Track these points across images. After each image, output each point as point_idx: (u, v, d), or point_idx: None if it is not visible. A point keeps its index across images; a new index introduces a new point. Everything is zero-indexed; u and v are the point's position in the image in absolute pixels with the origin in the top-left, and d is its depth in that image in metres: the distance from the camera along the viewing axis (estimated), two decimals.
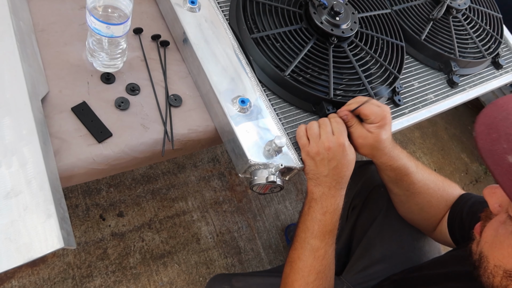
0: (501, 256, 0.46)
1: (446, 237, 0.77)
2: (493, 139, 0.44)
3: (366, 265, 0.82)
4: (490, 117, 0.47)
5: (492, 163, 0.43)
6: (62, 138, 0.63)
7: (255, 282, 0.83)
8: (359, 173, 0.97)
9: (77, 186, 1.23)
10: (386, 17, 0.95)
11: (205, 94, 0.74)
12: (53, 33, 0.72)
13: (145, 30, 0.78)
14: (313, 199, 0.69)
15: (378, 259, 0.82)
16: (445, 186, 0.78)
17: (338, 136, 0.67)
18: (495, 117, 0.46)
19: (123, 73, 0.73)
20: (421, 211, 0.78)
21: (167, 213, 1.30)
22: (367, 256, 0.83)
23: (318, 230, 0.67)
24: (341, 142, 0.66)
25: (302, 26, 0.82)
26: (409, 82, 0.94)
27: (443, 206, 0.77)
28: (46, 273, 1.08)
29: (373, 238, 0.85)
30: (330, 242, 0.68)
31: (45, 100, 0.65)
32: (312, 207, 0.69)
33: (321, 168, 0.67)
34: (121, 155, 0.66)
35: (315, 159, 0.68)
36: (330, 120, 0.70)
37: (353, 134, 0.72)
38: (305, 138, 0.69)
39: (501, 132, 0.45)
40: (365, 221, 0.88)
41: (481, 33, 1.11)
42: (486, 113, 0.48)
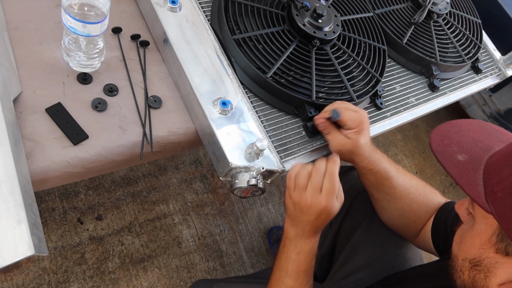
0: (466, 248, 0.50)
1: (429, 246, 0.77)
2: (445, 144, 0.53)
3: (349, 272, 0.82)
4: (444, 130, 0.55)
5: (444, 159, 0.51)
6: (35, 140, 0.61)
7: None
8: (343, 179, 0.96)
9: (54, 189, 1.19)
10: (369, 21, 0.95)
11: (186, 96, 0.73)
12: (27, 31, 0.70)
13: (124, 29, 0.76)
14: (287, 238, 0.67)
15: (361, 266, 0.82)
16: (426, 192, 0.78)
17: (325, 197, 0.63)
18: (449, 130, 0.55)
19: (100, 73, 0.71)
20: (402, 216, 0.78)
21: (148, 216, 1.27)
22: (350, 263, 0.83)
23: (292, 269, 0.66)
24: (325, 205, 0.63)
25: (284, 28, 0.81)
26: (391, 86, 0.95)
27: (424, 211, 0.77)
28: (20, 279, 1.04)
29: (357, 245, 0.84)
30: (305, 281, 0.66)
31: (17, 100, 0.62)
32: (286, 246, 0.67)
33: (299, 214, 0.65)
34: (97, 158, 0.64)
35: (295, 206, 0.65)
36: (326, 171, 0.65)
37: (330, 141, 0.72)
38: (293, 181, 0.66)
39: (452, 140, 0.53)
40: (348, 227, 0.88)
41: (461, 38, 1.13)
42: (440, 128, 0.56)
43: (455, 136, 0.54)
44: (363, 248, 0.83)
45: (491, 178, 0.46)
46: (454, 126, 0.56)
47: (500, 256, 0.45)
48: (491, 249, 0.46)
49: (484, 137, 0.54)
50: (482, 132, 0.55)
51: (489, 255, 0.46)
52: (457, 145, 0.52)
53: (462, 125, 0.56)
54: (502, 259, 0.45)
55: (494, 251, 0.45)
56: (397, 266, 0.81)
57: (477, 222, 0.49)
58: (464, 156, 0.50)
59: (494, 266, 0.45)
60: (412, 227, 0.79)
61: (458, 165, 0.50)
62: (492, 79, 1.16)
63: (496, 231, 0.45)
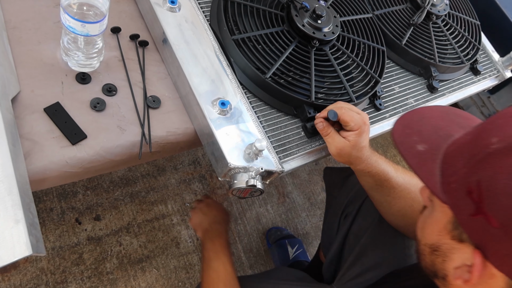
0: (426, 234, 0.53)
1: None
2: (407, 134, 0.54)
3: (358, 273, 0.81)
4: (407, 119, 0.57)
5: (404, 150, 0.52)
6: (33, 140, 0.61)
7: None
8: (352, 180, 0.96)
9: (52, 189, 1.19)
10: (368, 22, 0.95)
11: (185, 96, 0.73)
12: (26, 31, 0.69)
13: (123, 29, 0.76)
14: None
15: (370, 267, 0.81)
16: None
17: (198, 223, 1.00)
18: (411, 119, 0.56)
19: (99, 73, 0.71)
20: (404, 216, 0.78)
21: (146, 216, 1.27)
22: (358, 264, 0.82)
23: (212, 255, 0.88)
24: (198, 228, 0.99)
25: (284, 28, 0.81)
26: (390, 87, 0.95)
27: None
28: (18, 279, 1.04)
29: (366, 246, 0.84)
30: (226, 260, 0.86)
31: (16, 100, 0.62)
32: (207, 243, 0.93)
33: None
34: (96, 158, 0.64)
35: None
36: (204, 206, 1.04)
37: (329, 144, 0.72)
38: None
39: (414, 129, 0.54)
40: (358, 229, 0.87)
41: (460, 39, 1.13)
42: (403, 117, 0.57)
43: (417, 125, 0.55)
44: (372, 249, 0.83)
45: (447, 168, 0.47)
46: (417, 114, 0.57)
47: (455, 243, 0.47)
48: (447, 236, 0.48)
49: (446, 123, 0.54)
50: (444, 118, 0.55)
51: (445, 241, 0.48)
52: (418, 135, 0.53)
53: (425, 112, 0.57)
54: (457, 245, 0.47)
55: (450, 238, 0.47)
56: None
57: (435, 210, 0.51)
58: (424, 146, 0.51)
59: (450, 251, 0.48)
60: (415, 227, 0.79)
61: (417, 155, 0.51)
62: (491, 80, 1.16)
63: (451, 219, 0.47)
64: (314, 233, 1.52)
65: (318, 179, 1.65)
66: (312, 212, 1.56)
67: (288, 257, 1.35)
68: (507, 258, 0.41)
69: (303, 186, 1.61)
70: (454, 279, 0.47)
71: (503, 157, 0.40)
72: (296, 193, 1.58)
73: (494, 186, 0.40)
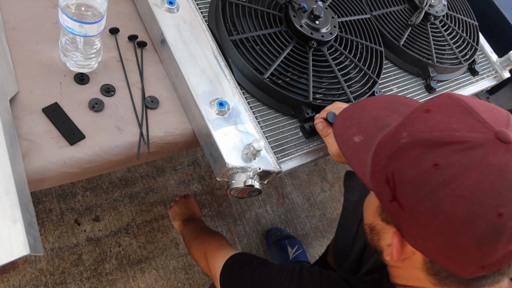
0: (366, 215, 0.58)
1: None
2: (346, 126, 0.57)
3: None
4: (349, 111, 0.60)
5: (341, 142, 0.56)
6: (31, 140, 0.61)
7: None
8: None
9: (52, 190, 1.19)
10: (366, 22, 0.96)
11: (183, 96, 0.73)
12: (25, 32, 0.70)
13: (121, 30, 0.77)
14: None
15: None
16: None
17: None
18: (353, 111, 0.59)
19: (98, 73, 0.71)
20: None
21: (145, 217, 1.27)
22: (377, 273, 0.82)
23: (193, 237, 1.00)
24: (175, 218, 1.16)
25: (281, 29, 0.82)
26: (388, 87, 0.95)
27: None
28: (17, 280, 1.04)
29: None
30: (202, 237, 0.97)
31: (14, 100, 0.62)
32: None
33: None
34: (94, 158, 0.64)
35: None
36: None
37: (330, 144, 0.72)
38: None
39: (354, 121, 0.57)
40: None
41: (458, 39, 1.13)
42: (346, 109, 0.60)
43: (357, 117, 0.58)
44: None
45: (375, 158, 0.51)
46: (360, 106, 0.60)
47: (384, 224, 0.52)
48: (379, 218, 0.53)
49: (387, 113, 0.56)
50: (387, 108, 0.57)
51: (378, 222, 0.53)
52: (357, 127, 0.56)
53: (368, 104, 0.59)
54: (386, 226, 0.52)
55: (380, 220, 0.52)
56: None
57: (371, 195, 0.56)
58: (360, 137, 0.55)
59: (382, 231, 0.53)
60: None
61: (353, 146, 0.54)
62: (489, 81, 1.17)
63: (379, 204, 0.51)
64: (314, 234, 1.52)
65: (317, 180, 1.66)
66: (311, 213, 1.56)
67: (288, 258, 1.35)
68: (418, 238, 0.45)
69: (303, 187, 1.61)
70: (386, 255, 0.52)
71: (409, 151, 0.45)
72: (296, 194, 1.58)
73: (403, 176, 0.45)
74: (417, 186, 0.44)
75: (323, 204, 1.61)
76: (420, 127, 0.46)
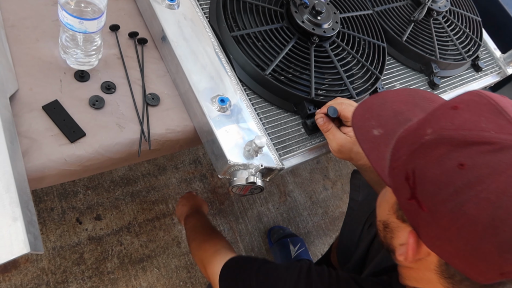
0: (380, 212, 0.56)
1: None
2: (366, 118, 0.55)
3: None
4: (369, 103, 0.57)
5: (359, 134, 0.53)
6: (32, 138, 0.60)
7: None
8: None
9: (53, 189, 1.19)
10: (368, 18, 0.95)
11: (184, 93, 0.72)
12: (24, 29, 0.69)
13: (122, 27, 0.76)
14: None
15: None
16: None
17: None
18: (373, 103, 0.57)
19: (98, 71, 0.70)
20: None
21: (147, 216, 1.27)
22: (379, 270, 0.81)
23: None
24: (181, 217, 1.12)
25: (283, 25, 0.81)
26: (391, 83, 0.94)
27: None
28: (19, 279, 1.04)
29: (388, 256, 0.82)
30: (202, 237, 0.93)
31: (14, 98, 0.62)
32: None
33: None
34: (95, 156, 0.64)
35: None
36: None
37: (330, 140, 0.71)
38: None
39: (374, 113, 0.55)
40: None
41: (461, 35, 1.12)
42: (366, 101, 0.57)
43: (377, 110, 0.55)
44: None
45: (394, 154, 0.49)
46: (380, 98, 0.57)
47: (399, 222, 0.50)
48: (394, 215, 0.51)
49: (408, 108, 0.54)
50: (409, 102, 0.56)
51: (393, 219, 0.52)
52: (377, 119, 0.54)
53: (389, 96, 0.57)
54: (401, 224, 0.50)
55: (396, 217, 0.51)
56: None
57: (387, 190, 0.54)
58: (379, 130, 0.53)
59: (396, 229, 0.51)
60: None
61: (371, 139, 0.52)
62: (493, 77, 1.16)
63: (396, 201, 0.50)
64: (316, 232, 1.52)
65: (319, 177, 1.65)
66: (313, 211, 1.56)
67: (290, 256, 1.35)
68: (436, 239, 0.44)
69: (305, 185, 1.60)
70: (398, 255, 0.51)
71: (433, 149, 0.43)
72: (298, 192, 1.57)
73: (424, 174, 0.44)
74: (440, 186, 0.42)
75: (325, 202, 1.60)
76: (446, 124, 0.44)
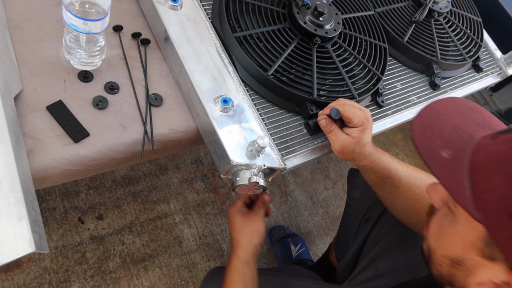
0: (445, 245, 0.49)
1: None
2: (428, 137, 0.49)
3: (370, 277, 0.80)
4: (424, 118, 0.52)
5: (428, 158, 0.47)
6: (36, 138, 0.61)
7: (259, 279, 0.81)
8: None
9: (55, 188, 1.19)
10: (369, 19, 0.95)
11: (187, 94, 0.73)
12: (28, 30, 0.69)
13: (125, 27, 0.76)
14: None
15: (383, 273, 0.79)
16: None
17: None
18: (429, 118, 0.52)
19: (101, 71, 0.71)
20: (407, 216, 0.77)
21: (149, 215, 1.27)
22: (372, 268, 0.81)
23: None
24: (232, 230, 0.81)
25: (285, 26, 0.81)
26: (392, 84, 0.94)
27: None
28: (21, 278, 1.04)
29: (382, 251, 0.82)
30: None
31: (18, 98, 0.62)
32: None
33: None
34: (98, 156, 0.64)
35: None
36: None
37: (333, 141, 0.71)
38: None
39: (434, 131, 0.50)
40: (377, 234, 0.86)
41: (462, 36, 1.12)
42: (420, 116, 0.52)
43: (436, 125, 0.51)
44: (388, 256, 0.81)
45: (480, 183, 0.43)
46: (434, 111, 0.53)
47: (484, 260, 0.44)
48: (475, 252, 0.45)
49: (463, 121, 0.52)
50: (461, 116, 0.53)
51: (472, 257, 0.45)
52: (440, 137, 0.49)
53: (441, 109, 0.54)
54: (485, 262, 0.44)
55: (478, 254, 0.44)
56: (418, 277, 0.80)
57: (459, 222, 0.47)
58: (448, 152, 0.47)
59: (476, 267, 0.45)
60: (420, 227, 0.77)
61: (443, 163, 0.46)
62: (493, 77, 1.16)
63: (482, 237, 0.43)
64: (317, 232, 1.52)
65: (320, 177, 1.65)
66: (314, 211, 1.56)
67: (291, 256, 1.35)
68: None
69: (305, 185, 1.61)
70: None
71: None
72: (298, 192, 1.58)
73: None
74: None
75: (326, 202, 1.61)
76: None
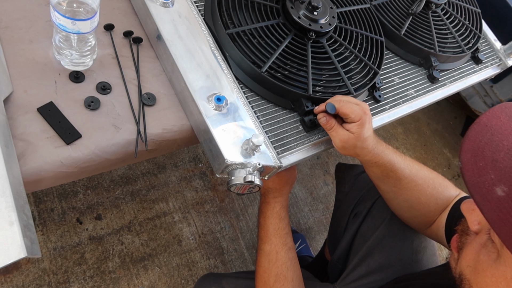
0: (485, 284, 0.46)
1: (442, 240, 0.75)
2: (480, 168, 0.43)
3: (362, 275, 0.80)
4: (475, 141, 0.45)
5: (481, 198, 0.41)
6: (27, 141, 0.60)
7: (247, 285, 0.81)
8: (364, 178, 0.95)
9: (52, 189, 1.19)
10: (365, 12, 0.94)
11: (180, 92, 0.72)
12: (18, 30, 0.68)
13: (116, 26, 0.75)
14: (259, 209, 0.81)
15: (375, 269, 0.80)
16: (436, 184, 0.75)
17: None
18: (480, 141, 0.45)
19: (93, 71, 0.70)
20: (410, 208, 0.76)
21: (147, 214, 1.27)
22: (364, 265, 0.81)
23: (263, 235, 0.77)
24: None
25: (279, 21, 0.80)
26: (390, 78, 0.93)
27: (434, 204, 0.75)
28: (20, 280, 1.04)
29: (373, 247, 0.82)
30: (279, 243, 0.75)
31: (8, 100, 0.61)
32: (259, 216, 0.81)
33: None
34: (91, 157, 0.63)
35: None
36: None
37: (334, 137, 0.71)
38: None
39: (487, 159, 0.44)
40: (367, 229, 0.86)
41: (461, 28, 1.11)
42: (470, 137, 0.46)
43: (489, 151, 0.44)
44: (379, 251, 0.81)
45: None
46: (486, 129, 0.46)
47: None
48: None
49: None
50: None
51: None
52: (493, 168, 0.42)
53: (493, 124, 0.47)
54: None
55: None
56: (410, 272, 0.80)
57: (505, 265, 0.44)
58: (503, 188, 0.41)
59: None
60: (422, 219, 0.77)
61: (497, 204, 0.41)
62: (493, 69, 1.15)
63: None
64: (317, 228, 1.52)
65: (319, 173, 1.65)
66: (314, 207, 1.56)
67: None
68: None
69: (305, 181, 1.60)
70: None
71: None
72: (298, 188, 1.57)
73: None
74: None
75: (326, 197, 1.60)
76: None
